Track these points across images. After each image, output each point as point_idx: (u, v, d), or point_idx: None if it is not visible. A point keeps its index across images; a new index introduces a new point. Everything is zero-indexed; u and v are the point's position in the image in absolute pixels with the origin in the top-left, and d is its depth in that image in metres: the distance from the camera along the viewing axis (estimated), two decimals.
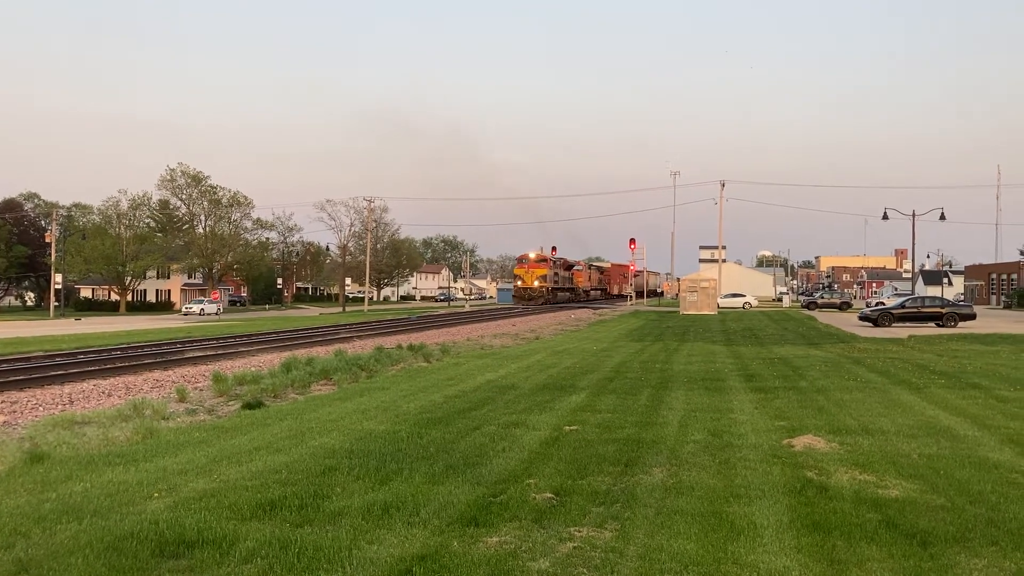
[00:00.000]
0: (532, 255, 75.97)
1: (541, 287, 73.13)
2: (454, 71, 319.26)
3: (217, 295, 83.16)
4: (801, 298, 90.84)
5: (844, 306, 65.77)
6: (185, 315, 74.65)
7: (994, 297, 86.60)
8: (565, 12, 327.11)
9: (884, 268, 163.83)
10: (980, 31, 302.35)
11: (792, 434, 10.25)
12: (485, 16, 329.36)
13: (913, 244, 58.91)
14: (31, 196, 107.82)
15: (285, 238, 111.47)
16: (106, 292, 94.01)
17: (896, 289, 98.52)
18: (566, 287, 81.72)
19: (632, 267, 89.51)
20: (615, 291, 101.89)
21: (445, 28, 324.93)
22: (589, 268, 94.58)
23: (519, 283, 74.78)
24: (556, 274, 77.51)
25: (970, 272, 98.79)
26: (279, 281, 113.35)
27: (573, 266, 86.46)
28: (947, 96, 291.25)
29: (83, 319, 66.27)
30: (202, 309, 75.63)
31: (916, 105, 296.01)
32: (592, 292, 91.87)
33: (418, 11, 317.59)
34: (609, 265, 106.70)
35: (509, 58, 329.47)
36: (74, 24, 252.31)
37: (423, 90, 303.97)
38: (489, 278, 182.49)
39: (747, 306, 69.46)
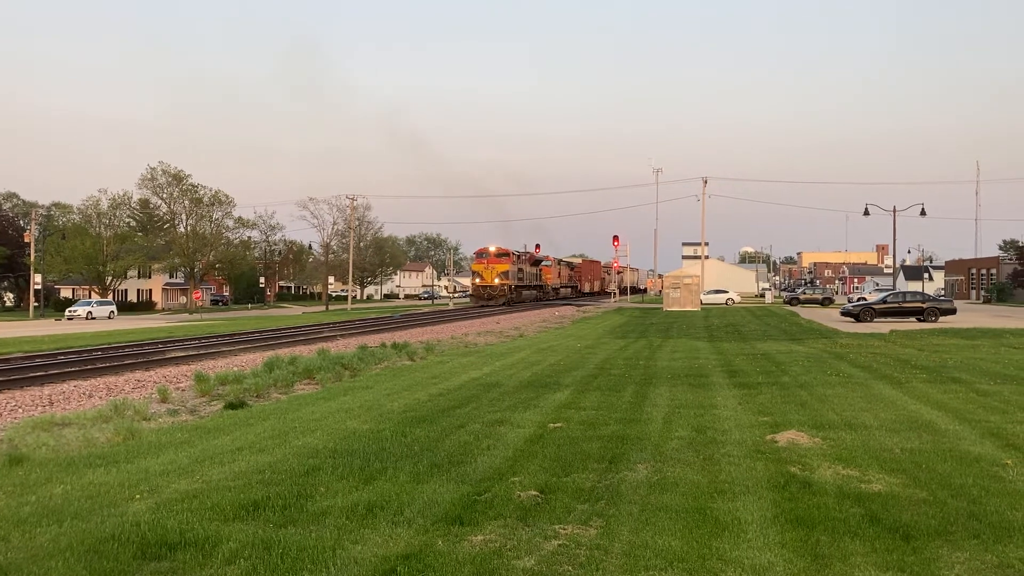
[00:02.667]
0: (492, 248, 67.63)
1: (502, 285, 65.30)
2: (440, 70, 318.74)
3: (199, 295, 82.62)
4: (783, 294, 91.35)
5: (826, 302, 66.23)
6: (69, 319, 63.89)
7: (974, 292, 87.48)
8: (550, 10, 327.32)
9: (865, 264, 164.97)
10: (962, 30, 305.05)
11: (775, 429, 10.29)
12: (472, 16, 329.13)
13: (894, 240, 59.35)
14: (10, 196, 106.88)
15: (267, 237, 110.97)
16: (86, 292, 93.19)
17: (877, 285, 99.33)
18: (533, 284, 75.32)
19: (615, 264, 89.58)
20: (587, 288, 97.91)
21: (429, 30, 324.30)
22: (559, 264, 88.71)
23: (477, 280, 67.25)
24: (520, 270, 70.13)
25: (950, 267, 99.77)
26: (261, 280, 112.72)
27: (541, 261, 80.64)
28: (927, 93, 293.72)
29: (63, 319, 65.66)
30: (89, 312, 65.76)
31: (897, 102, 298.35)
32: (562, 290, 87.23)
33: (399, 13, 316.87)
34: (580, 261, 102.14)
35: (495, 57, 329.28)
36: (57, 22, 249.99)
37: (407, 90, 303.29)
38: None
39: (730, 302, 69.80)
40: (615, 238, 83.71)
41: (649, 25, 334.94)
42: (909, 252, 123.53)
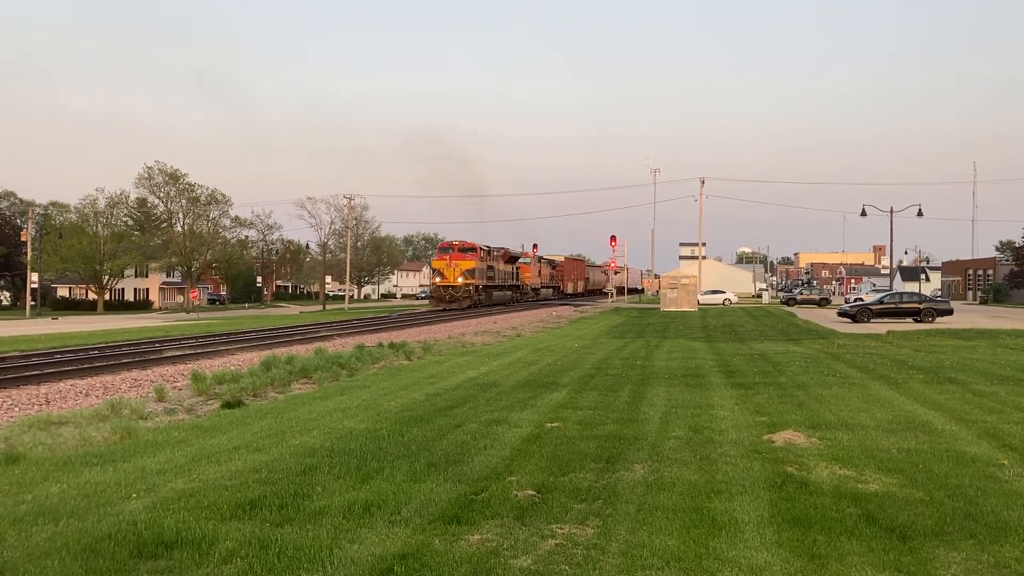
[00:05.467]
0: (456, 242, 59.92)
1: (467, 284, 56.73)
2: (431, 69, 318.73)
3: (196, 294, 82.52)
4: (780, 294, 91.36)
5: (823, 302, 66.31)
6: None
7: (971, 292, 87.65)
8: (543, 8, 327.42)
9: (863, 264, 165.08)
10: (960, 30, 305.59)
11: (772, 429, 10.30)
12: (463, 14, 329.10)
13: (891, 240, 59.36)
14: (7, 194, 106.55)
15: (265, 236, 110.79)
16: (83, 291, 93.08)
17: (874, 285, 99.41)
18: (507, 284, 67.72)
19: (613, 264, 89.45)
20: (570, 289, 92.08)
21: (428, 29, 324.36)
22: (539, 262, 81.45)
23: (437, 280, 58.15)
24: (490, 268, 62.05)
25: (947, 268, 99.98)
26: (259, 279, 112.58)
27: (518, 259, 73.48)
28: (925, 94, 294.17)
29: (60, 318, 65.58)
30: None
31: (895, 103, 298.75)
32: (543, 290, 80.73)
33: (392, 11, 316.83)
34: (563, 259, 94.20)
35: (487, 56, 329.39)
36: (53, 19, 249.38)
37: (400, 89, 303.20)
38: None
39: (727, 302, 69.82)
40: (612, 238, 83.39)
41: (647, 25, 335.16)
42: (906, 253, 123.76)
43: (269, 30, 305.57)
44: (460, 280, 56.81)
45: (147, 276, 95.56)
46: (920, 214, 56.98)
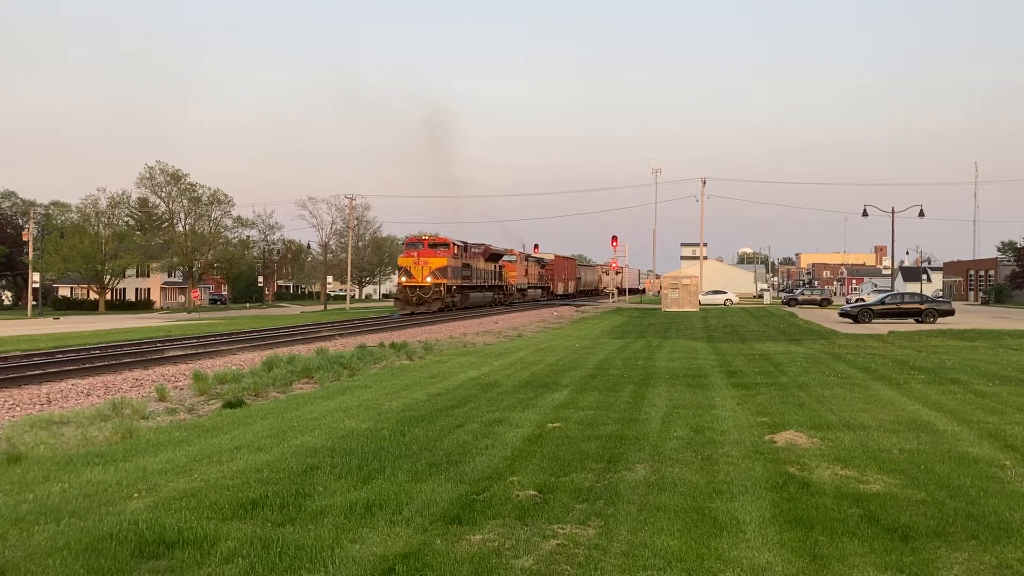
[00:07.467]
0: (426, 237, 53.43)
1: (436, 285, 49.99)
2: (430, 68, 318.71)
3: (197, 294, 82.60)
4: (782, 295, 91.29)
5: (824, 303, 66.26)
6: None
7: (972, 293, 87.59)
8: (544, 8, 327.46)
9: (864, 265, 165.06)
10: (961, 31, 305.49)
11: (774, 430, 10.29)
12: (462, 10, 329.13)
13: (892, 241, 59.35)
14: (9, 194, 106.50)
15: (266, 236, 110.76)
16: (85, 291, 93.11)
17: (876, 286, 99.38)
18: (488, 284, 61.40)
19: (614, 264, 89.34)
20: (560, 290, 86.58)
21: (420, 23, 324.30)
22: (527, 261, 75.32)
23: (403, 279, 51.26)
24: (467, 267, 55.52)
25: (948, 268, 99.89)
26: (260, 279, 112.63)
27: (502, 256, 66.93)
28: (926, 94, 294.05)
29: (62, 318, 65.60)
30: None
31: (896, 103, 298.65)
32: (530, 291, 74.97)
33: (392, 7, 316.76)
34: (553, 258, 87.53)
35: (487, 56, 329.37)
36: (53, 20, 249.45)
37: (399, 86, 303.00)
38: None
39: (728, 303, 69.84)
40: (614, 238, 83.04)
41: (648, 25, 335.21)
42: (908, 253, 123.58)
43: (269, 30, 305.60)
44: (429, 280, 50.04)
45: (148, 276, 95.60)
46: (922, 214, 56.99)
